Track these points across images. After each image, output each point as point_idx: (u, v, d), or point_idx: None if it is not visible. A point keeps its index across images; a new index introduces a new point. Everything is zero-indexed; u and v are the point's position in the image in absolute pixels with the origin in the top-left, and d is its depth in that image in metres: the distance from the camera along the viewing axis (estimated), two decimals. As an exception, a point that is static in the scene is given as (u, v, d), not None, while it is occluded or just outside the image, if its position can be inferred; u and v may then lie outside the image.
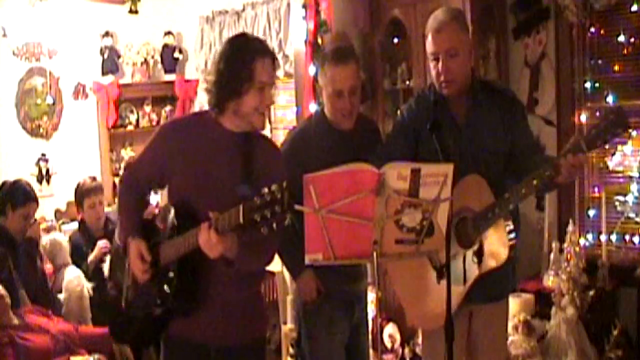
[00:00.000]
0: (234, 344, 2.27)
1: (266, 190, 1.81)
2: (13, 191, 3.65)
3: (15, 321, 3.14)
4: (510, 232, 2.34)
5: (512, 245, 2.35)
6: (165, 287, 2.17)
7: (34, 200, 3.70)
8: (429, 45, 2.47)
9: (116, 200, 5.73)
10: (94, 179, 4.36)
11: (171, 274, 2.16)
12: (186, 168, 2.22)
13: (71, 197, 4.39)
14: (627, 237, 3.91)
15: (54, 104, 5.64)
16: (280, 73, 4.72)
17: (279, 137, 5.05)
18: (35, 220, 3.76)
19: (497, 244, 2.33)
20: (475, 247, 2.36)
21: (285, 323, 3.95)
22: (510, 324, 3.25)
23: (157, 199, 4.37)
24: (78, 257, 4.05)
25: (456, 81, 2.44)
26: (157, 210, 2.45)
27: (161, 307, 2.20)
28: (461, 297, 2.40)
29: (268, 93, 2.18)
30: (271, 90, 2.20)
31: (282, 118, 5.41)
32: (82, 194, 4.20)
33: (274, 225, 1.84)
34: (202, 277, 2.18)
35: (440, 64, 2.42)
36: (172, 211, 2.20)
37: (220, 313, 2.23)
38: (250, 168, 2.18)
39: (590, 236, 4.00)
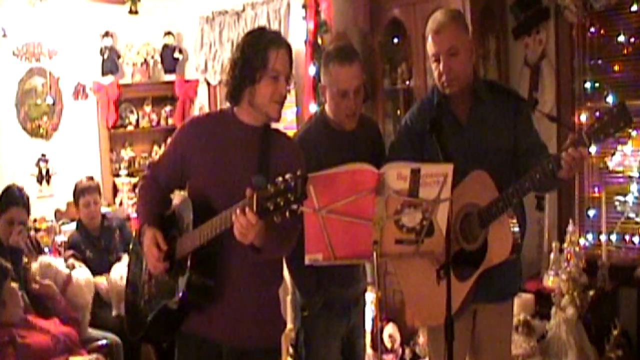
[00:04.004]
0: (248, 347, 2.26)
1: (280, 179, 1.81)
2: (1, 197, 3.63)
3: (18, 319, 3.14)
4: (515, 230, 2.34)
5: (516, 243, 2.34)
6: (180, 280, 2.16)
7: (18, 205, 3.62)
8: (430, 47, 2.48)
9: (116, 200, 5.81)
10: (90, 178, 4.38)
11: (187, 267, 2.14)
12: (205, 163, 2.24)
13: (71, 197, 4.40)
14: (627, 237, 3.92)
15: (54, 104, 5.63)
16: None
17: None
18: (23, 228, 3.61)
19: (501, 239, 2.33)
20: (479, 243, 2.37)
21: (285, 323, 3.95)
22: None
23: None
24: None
25: (458, 80, 2.44)
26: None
27: (176, 301, 2.18)
28: (465, 294, 2.40)
29: (282, 83, 2.20)
30: (286, 81, 2.21)
31: (282, 118, 5.40)
32: (78, 193, 4.22)
33: (287, 214, 1.83)
34: (219, 272, 2.17)
35: (441, 64, 2.43)
36: (191, 205, 2.20)
37: (236, 312, 2.22)
38: (268, 161, 2.19)
39: (590, 236, 4.01)
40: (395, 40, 4.55)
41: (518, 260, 2.52)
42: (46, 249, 4.29)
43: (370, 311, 3.61)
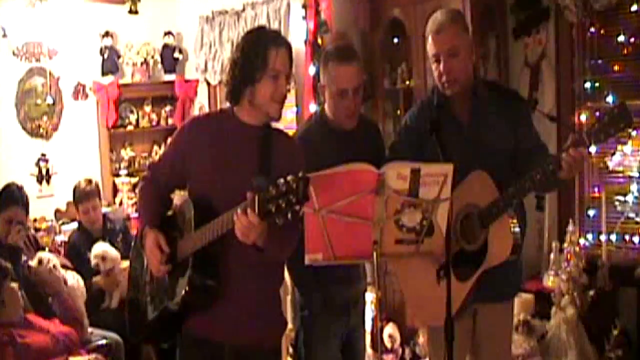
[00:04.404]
0: (249, 347, 2.25)
1: (282, 180, 1.80)
2: (0, 195, 3.62)
3: (18, 319, 3.14)
4: (515, 231, 2.34)
5: (517, 244, 2.34)
6: (181, 280, 2.16)
7: (17, 204, 3.60)
8: (430, 47, 2.48)
9: (116, 200, 5.81)
10: (89, 182, 4.33)
11: (188, 268, 2.14)
12: (205, 163, 2.24)
13: (71, 197, 4.40)
14: (627, 237, 3.91)
15: (54, 104, 5.63)
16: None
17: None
18: (21, 227, 3.60)
19: (501, 240, 2.33)
20: (479, 243, 2.37)
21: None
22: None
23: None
24: (76, 256, 4.05)
25: (458, 81, 2.44)
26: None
27: (177, 302, 2.17)
28: (465, 294, 2.40)
29: (282, 82, 2.19)
30: (286, 80, 2.21)
31: (282, 118, 5.39)
32: (77, 198, 4.21)
33: (289, 216, 1.83)
34: (220, 272, 2.17)
35: (441, 64, 2.43)
36: (192, 206, 2.20)
37: (238, 312, 2.22)
38: (269, 161, 2.19)
39: (590, 236, 4.00)
40: (395, 40, 4.55)
41: (518, 260, 2.52)
42: (46, 249, 4.29)
43: (370, 311, 3.61)
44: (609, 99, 3.88)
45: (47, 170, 5.56)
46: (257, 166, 2.17)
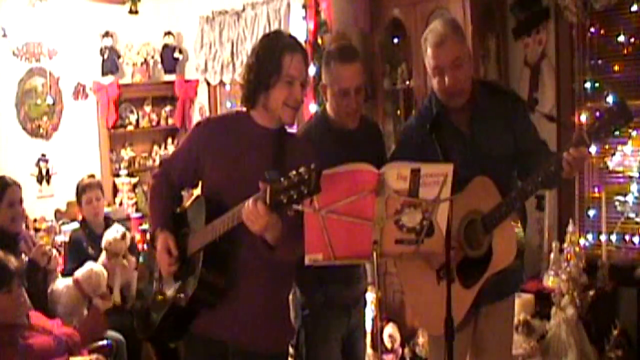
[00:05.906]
0: (254, 349, 2.24)
1: (294, 172, 1.80)
2: None
3: (21, 320, 3.14)
4: (520, 235, 2.33)
5: (521, 249, 2.34)
6: (191, 277, 2.16)
7: (11, 185, 3.61)
8: (431, 60, 2.42)
9: (116, 200, 5.81)
10: (92, 176, 4.39)
11: (198, 265, 2.14)
12: (219, 162, 2.24)
13: (71, 197, 4.40)
14: (627, 237, 3.92)
15: (54, 104, 5.63)
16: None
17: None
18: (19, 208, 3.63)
19: (505, 244, 2.32)
20: (484, 249, 2.36)
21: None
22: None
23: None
24: (77, 252, 4.05)
25: (463, 91, 2.42)
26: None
27: (187, 299, 2.17)
28: (470, 301, 2.39)
29: (297, 88, 2.20)
30: (301, 86, 2.21)
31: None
32: (80, 191, 4.23)
33: (301, 207, 1.82)
34: (229, 271, 2.17)
35: (446, 77, 2.39)
36: (203, 204, 2.21)
37: (245, 313, 2.22)
38: (283, 164, 2.17)
39: (590, 236, 4.01)
40: (395, 40, 4.55)
41: (520, 260, 2.52)
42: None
43: (370, 311, 3.61)
44: (609, 99, 3.88)
45: (47, 171, 5.56)
46: (271, 168, 2.16)
